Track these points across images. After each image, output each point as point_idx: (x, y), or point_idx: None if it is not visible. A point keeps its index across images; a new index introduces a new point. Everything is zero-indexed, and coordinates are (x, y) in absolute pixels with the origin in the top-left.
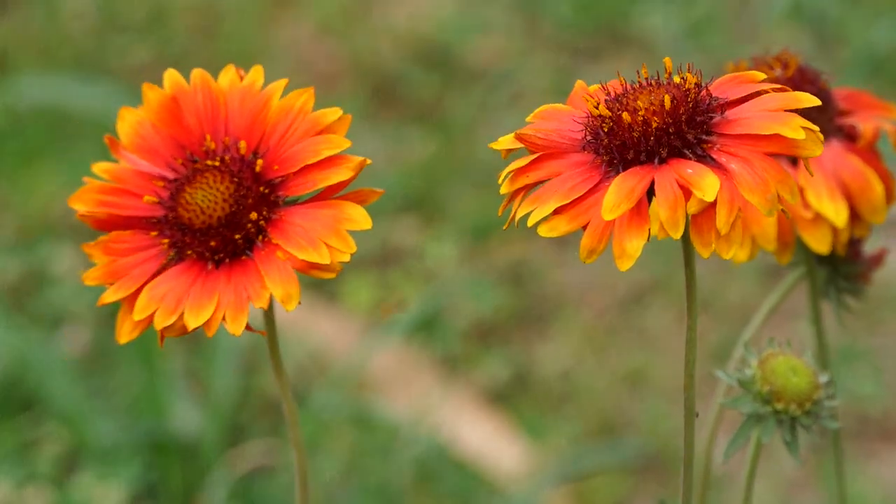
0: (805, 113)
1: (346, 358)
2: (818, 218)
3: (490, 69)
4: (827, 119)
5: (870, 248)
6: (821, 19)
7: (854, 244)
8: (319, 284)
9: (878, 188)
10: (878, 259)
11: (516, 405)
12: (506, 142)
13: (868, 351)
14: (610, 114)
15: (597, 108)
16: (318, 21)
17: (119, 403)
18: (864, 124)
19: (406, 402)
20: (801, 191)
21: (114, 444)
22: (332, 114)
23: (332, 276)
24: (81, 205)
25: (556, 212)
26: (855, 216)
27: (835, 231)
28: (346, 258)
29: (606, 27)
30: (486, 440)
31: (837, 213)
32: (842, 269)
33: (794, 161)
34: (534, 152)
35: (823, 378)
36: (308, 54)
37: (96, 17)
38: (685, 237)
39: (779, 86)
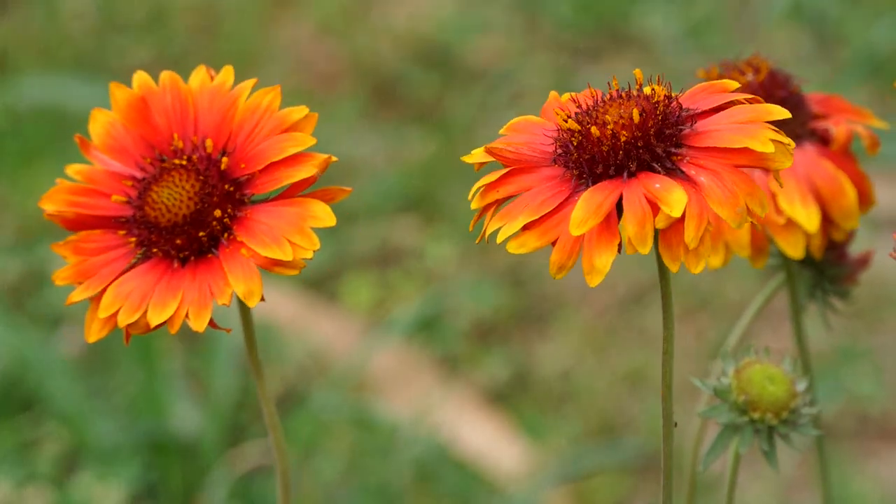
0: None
1: (346, 358)
2: (790, 223)
3: (490, 69)
4: (800, 123)
5: (862, 248)
6: (821, 19)
7: (839, 247)
8: (319, 284)
9: (850, 193)
10: (863, 261)
11: (516, 405)
12: (477, 155)
13: (868, 350)
14: (579, 127)
15: (566, 121)
16: (318, 21)
17: (119, 403)
18: (838, 128)
19: (406, 402)
20: (773, 196)
21: (114, 444)
22: (298, 112)
23: (294, 272)
24: (51, 205)
25: (526, 227)
26: (828, 221)
27: (808, 236)
28: (310, 255)
29: (606, 27)
30: (486, 440)
31: (809, 219)
32: (827, 271)
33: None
34: (505, 166)
35: (801, 386)
36: (308, 54)
37: (96, 17)
38: (657, 251)
39: (751, 96)
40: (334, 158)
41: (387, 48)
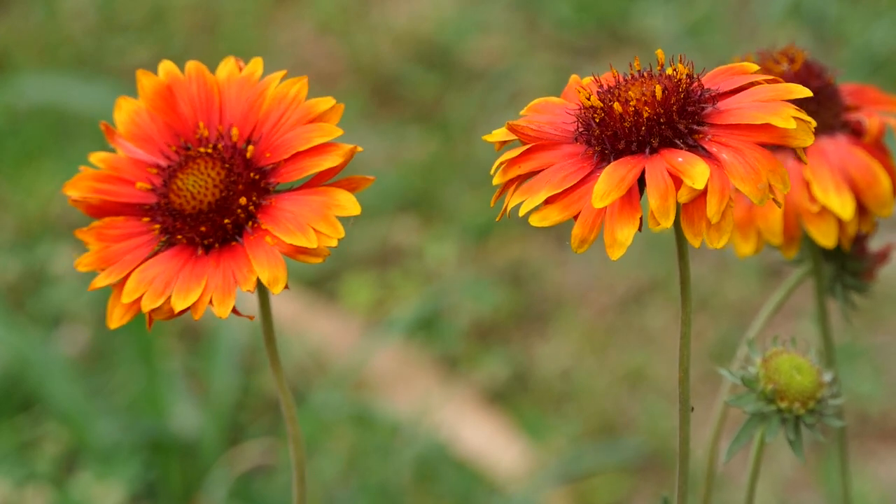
0: (810, 107)
1: (346, 357)
2: (824, 211)
3: (490, 69)
4: (833, 114)
5: (874, 245)
6: (820, 19)
7: (860, 240)
8: (319, 283)
9: (884, 182)
10: (883, 255)
11: (516, 405)
12: (499, 134)
13: (868, 349)
14: (602, 105)
15: (588, 99)
16: (318, 21)
17: (119, 403)
18: (871, 119)
19: (406, 401)
20: (808, 184)
21: (113, 444)
22: (325, 103)
23: (319, 260)
24: (75, 191)
25: (548, 201)
26: (861, 210)
27: (841, 225)
28: (334, 243)
29: (606, 27)
30: (486, 440)
31: (843, 207)
32: (848, 265)
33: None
34: (526, 143)
35: (827, 376)
36: (308, 54)
37: (96, 17)
38: (678, 228)
39: (771, 77)
40: (359, 149)
41: (387, 48)
